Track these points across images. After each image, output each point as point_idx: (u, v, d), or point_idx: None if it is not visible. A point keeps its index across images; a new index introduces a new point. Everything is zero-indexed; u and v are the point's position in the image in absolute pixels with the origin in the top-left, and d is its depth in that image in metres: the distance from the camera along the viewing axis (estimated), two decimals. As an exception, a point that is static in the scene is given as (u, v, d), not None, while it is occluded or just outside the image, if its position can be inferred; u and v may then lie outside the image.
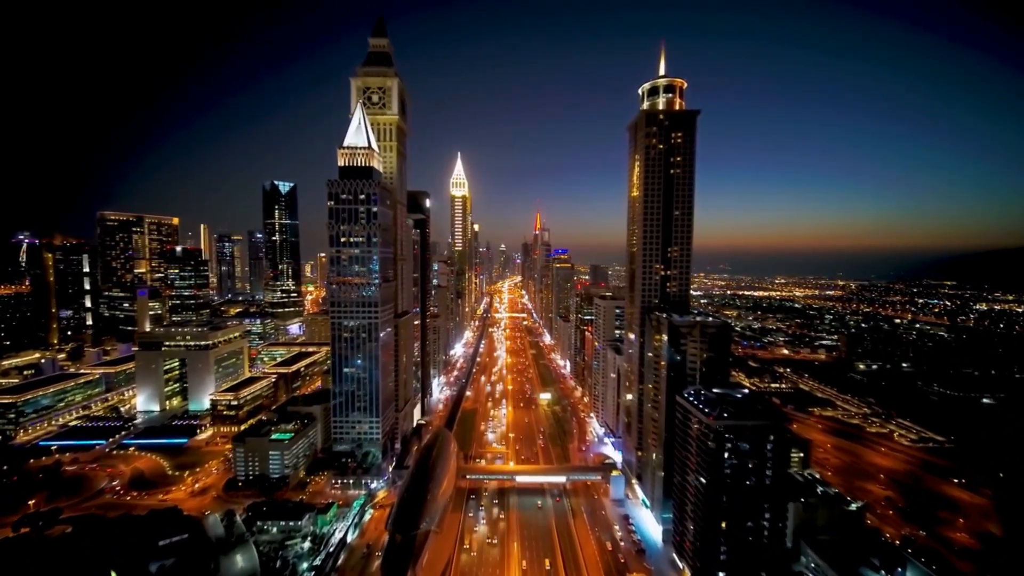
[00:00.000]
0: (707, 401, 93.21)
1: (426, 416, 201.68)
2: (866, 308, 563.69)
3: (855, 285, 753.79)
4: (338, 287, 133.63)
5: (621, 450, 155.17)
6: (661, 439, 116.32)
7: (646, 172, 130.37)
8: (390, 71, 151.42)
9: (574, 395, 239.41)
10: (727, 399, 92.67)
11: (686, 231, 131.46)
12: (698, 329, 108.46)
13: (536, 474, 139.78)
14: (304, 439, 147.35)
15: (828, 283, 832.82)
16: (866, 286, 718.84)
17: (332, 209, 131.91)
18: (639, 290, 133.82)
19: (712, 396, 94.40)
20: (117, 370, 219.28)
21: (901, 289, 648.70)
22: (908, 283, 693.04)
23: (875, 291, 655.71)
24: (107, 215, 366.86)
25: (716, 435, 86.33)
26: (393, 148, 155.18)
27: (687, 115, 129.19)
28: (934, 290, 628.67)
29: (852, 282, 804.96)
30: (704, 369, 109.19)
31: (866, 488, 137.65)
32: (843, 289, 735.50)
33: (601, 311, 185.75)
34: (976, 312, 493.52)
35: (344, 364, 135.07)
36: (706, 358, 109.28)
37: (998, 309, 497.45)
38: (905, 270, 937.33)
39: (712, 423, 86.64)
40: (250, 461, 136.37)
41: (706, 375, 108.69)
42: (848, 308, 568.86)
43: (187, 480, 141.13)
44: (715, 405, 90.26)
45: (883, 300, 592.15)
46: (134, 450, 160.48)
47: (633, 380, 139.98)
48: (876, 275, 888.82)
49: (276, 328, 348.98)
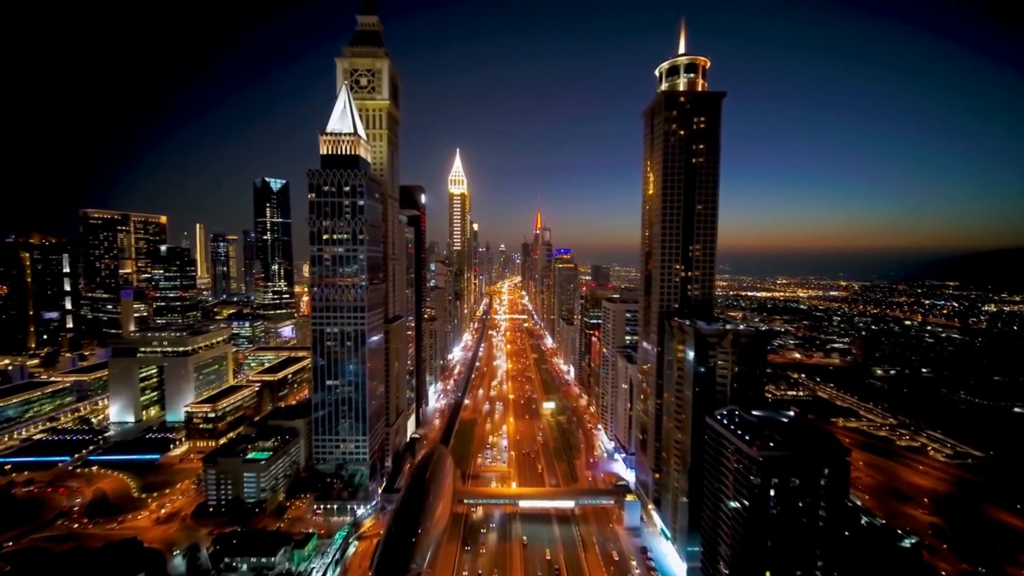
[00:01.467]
0: (747, 426, 79.30)
1: (421, 428, 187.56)
2: (873, 309, 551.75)
3: (858, 286, 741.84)
4: (320, 290, 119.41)
5: (634, 469, 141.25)
6: (685, 463, 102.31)
7: (665, 162, 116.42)
8: (380, 51, 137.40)
9: (579, 403, 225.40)
10: (771, 424, 78.74)
11: (709, 227, 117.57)
12: (730, 339, 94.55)
13: (541, 498, 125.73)
14: (285, 457, 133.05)
15: (830, 284, 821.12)
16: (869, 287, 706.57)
17: (313, 203, 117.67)
18: (657, 293, 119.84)
19: (752, 420, 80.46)
20: (91, 377, 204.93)
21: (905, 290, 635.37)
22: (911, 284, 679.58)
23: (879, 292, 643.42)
24: (90, 213, 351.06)
25: (761, 468, 72.37)
26: (383, 136, 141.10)
27: (711, 97, 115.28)
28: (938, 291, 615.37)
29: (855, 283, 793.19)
30: (736, 385, 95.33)
31: (908, 513, 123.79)
32: (846, 290, 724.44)
33: (610, 315, 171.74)
34: (986, 314, 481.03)
35: (327, 376, 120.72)
36: (738, 372, 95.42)
37: (1008, 311, 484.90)
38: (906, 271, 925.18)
39: (755, 454, 72.69)
40: (222, 484, 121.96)
41: (738, 392, 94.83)
42: (855, 309, 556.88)
43: (153, 505, 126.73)
44: (757, 432, 76.34)
45: (889, 301, 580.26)
46: (98, 468, 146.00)
47: (649, 393, 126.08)
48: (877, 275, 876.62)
49: (267, 331, 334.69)
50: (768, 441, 73.73)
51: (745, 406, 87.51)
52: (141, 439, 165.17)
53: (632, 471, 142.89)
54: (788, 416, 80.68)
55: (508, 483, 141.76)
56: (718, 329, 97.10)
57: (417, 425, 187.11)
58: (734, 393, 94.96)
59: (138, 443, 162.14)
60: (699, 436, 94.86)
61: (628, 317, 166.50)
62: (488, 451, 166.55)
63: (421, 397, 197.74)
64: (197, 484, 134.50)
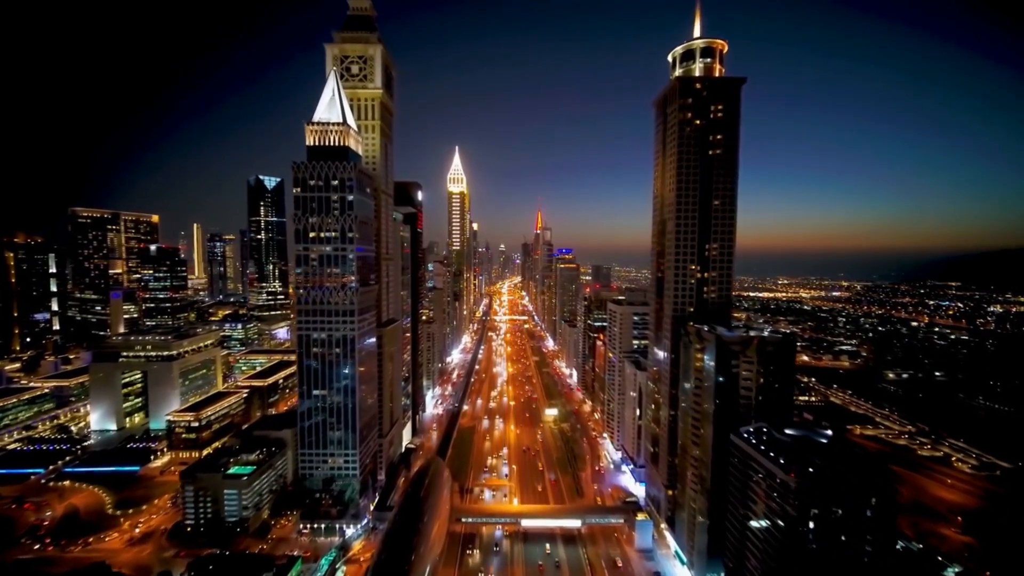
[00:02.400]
0: (779, 447, 70.49)
1: (417, 437, 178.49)
2: (877, 310, 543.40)
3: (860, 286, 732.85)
4: (307, 292, 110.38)
5: (644, 483, 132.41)
6: (704, 482, 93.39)
7: (680, 154, 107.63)
8: (373, 37, 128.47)
9: (582, 409, 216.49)
10: (807, 445, 69.97)
11: (728, 225, 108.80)
12: (755, 346, 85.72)
13: (545, 516, 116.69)
14: (270, 471, 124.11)
15: (832, 284, 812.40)
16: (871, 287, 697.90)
17: (298, 198, 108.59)
18: (670, 296, 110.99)
19: (785, 440, 71.66)
20: (72, 383, 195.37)
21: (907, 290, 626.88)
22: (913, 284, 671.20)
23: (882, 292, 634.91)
24: (79, 211, 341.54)
25: (798, 497, 63.61)
26: (376, 128, 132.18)
27: (730, 83, 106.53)
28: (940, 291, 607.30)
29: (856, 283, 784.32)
30: (760, 397, 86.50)
31: (939, 532, 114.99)
32: (848, 290, 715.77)
33: (617, 318, 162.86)
34: (992, 315, 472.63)
35: (314, 385, 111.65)
36: (763, 383, 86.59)
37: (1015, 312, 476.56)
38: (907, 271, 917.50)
39: (792, 481, 63.91)
40: (201, 502, 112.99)
41: (764, 404, 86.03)
42: (859, 310, 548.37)
43: (126, 524, 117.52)
44: (792, 455, 67.53)
45: (892, 302, 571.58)
46: (70, 482, 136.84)
47: (661, 403, 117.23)
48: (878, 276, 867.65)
49: (260, 333, 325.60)
50: (806, 466, 64.90)
51: (773, 422, 78.76)
52: (120, 449, 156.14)
53: (641, 485, 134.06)
54: (826, 436, 71.82)
55: (509, 498, 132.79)
56: (742, 336, 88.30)
57: (413, 433, 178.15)
58: (759, 406, 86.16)
59: (117, 454, 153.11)
60: (721, 453, 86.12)
61: (636, 320, 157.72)
62: (488, 461, 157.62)
63: (418, 404, 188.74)
64: (175, 500, 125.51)
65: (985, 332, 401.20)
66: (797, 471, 64.31)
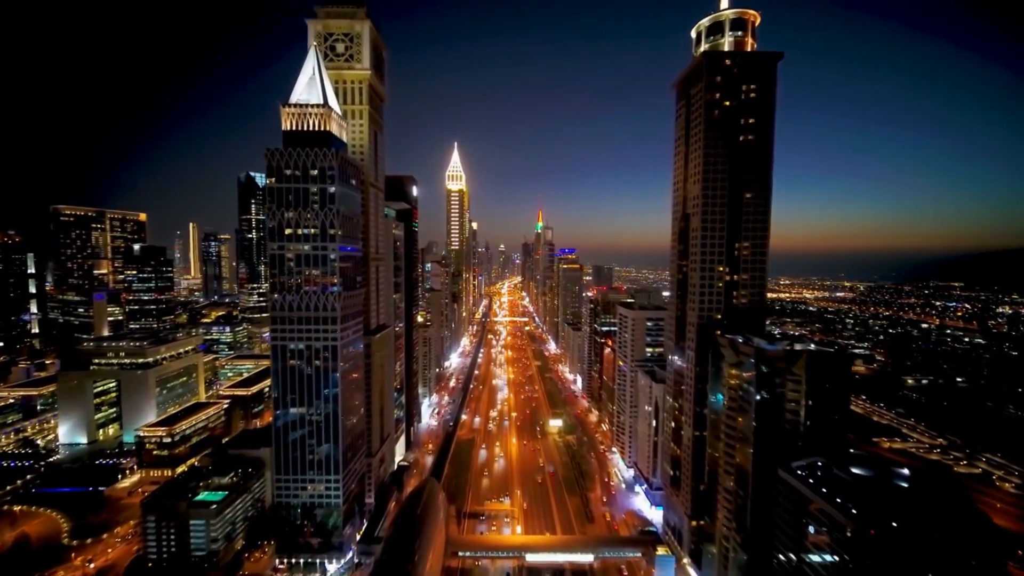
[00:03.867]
0: (844, 489, 57.55)
1: (412, 452, 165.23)
2: (884, 311, 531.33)
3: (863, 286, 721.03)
4: (281, 297, 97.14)
5: (661, 507, 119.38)
6: (741, 518, 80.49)
7: (706, 140, 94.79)
8: (360, 12, 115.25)
9: (589, 419, 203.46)
10: (882, 488, 56.95)
11: (761, 220, 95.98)
12: (803, 361, 72.75)
13: (553, 549, 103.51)
14: (246, 495, 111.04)
15: (834, 284, 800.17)
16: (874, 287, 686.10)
17: (272, 189, 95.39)
18: (695, 300, 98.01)
19: (850, 481, 58.66)
20: (42, 392, 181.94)
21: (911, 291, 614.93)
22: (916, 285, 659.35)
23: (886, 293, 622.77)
24: (62, 209, 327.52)
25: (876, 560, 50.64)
26: (364, 113, 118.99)
27: (765, 59, 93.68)
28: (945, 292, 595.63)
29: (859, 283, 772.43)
30: (810, 423, 73.55)
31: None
32: (852, 290, 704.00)
33: (628, 323, 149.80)
34: (1003, 316, 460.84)
35: (290, 403, 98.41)
36: (812, 404, 73.65)
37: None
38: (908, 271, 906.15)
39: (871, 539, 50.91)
40: (164, 533, 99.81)
41: (814, 431, 73.08)
42: (866, 311, 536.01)
43: (78, 560, 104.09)
44: (864, 501, 54.60)
45: (898, 303, 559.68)
46: (26, 506, 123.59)
47: (685, 422, 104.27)
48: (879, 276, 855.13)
49: (250, 336, 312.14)
50: (888, 519, 51.93)
51: (831, 455, 65.82)
52: (86, 467, 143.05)
53: (658, 509, 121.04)
54: (905, 477, 58.68)
55: (512, 525, 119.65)
56: (786, 349, 75.32)
57: (407, 448, 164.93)
58: (808, 433, 73.20)
59: (82, 472, 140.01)
60: (762, 486, 73.26)
61: (650, 326, 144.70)
62: (488, 481, 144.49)
63: (412, 415, 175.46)
64: (138, 527, 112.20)
65: (999, 335, 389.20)
66: (878, 527, 51.38)
